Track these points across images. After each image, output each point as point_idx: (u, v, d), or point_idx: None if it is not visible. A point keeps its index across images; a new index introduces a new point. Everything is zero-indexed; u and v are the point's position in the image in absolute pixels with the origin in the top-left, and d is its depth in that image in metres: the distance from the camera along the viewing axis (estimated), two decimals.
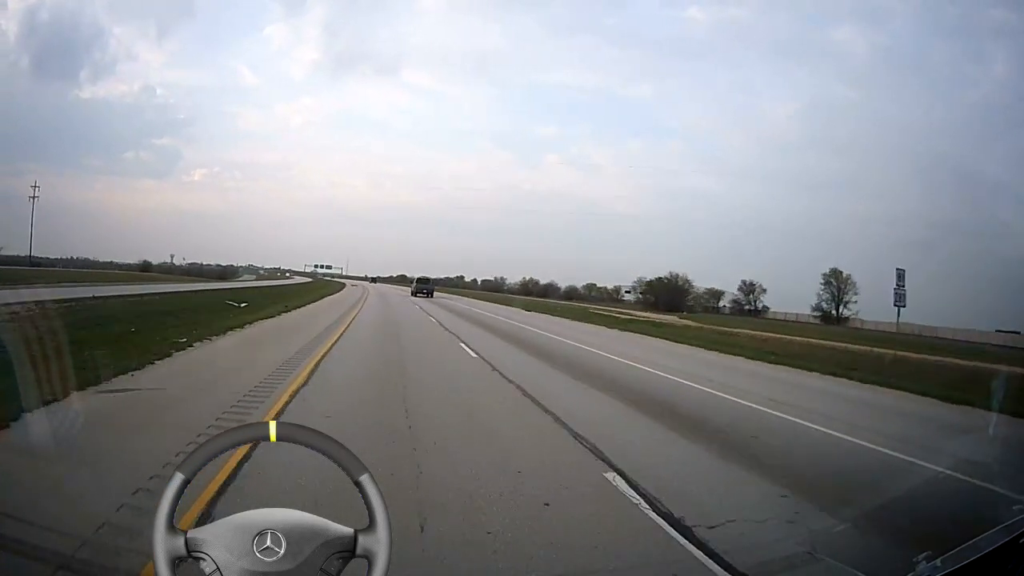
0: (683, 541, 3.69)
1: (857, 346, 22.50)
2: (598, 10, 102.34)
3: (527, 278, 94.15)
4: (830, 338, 28.06)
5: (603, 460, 5.26)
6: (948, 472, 5.54)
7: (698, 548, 3.60)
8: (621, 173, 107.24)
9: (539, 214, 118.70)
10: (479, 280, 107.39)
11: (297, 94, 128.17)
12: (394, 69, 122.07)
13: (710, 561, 3.45)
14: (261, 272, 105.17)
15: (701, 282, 75.24)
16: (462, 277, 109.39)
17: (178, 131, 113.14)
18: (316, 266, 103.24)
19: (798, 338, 25.51)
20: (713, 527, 3.89)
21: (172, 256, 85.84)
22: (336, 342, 12.83)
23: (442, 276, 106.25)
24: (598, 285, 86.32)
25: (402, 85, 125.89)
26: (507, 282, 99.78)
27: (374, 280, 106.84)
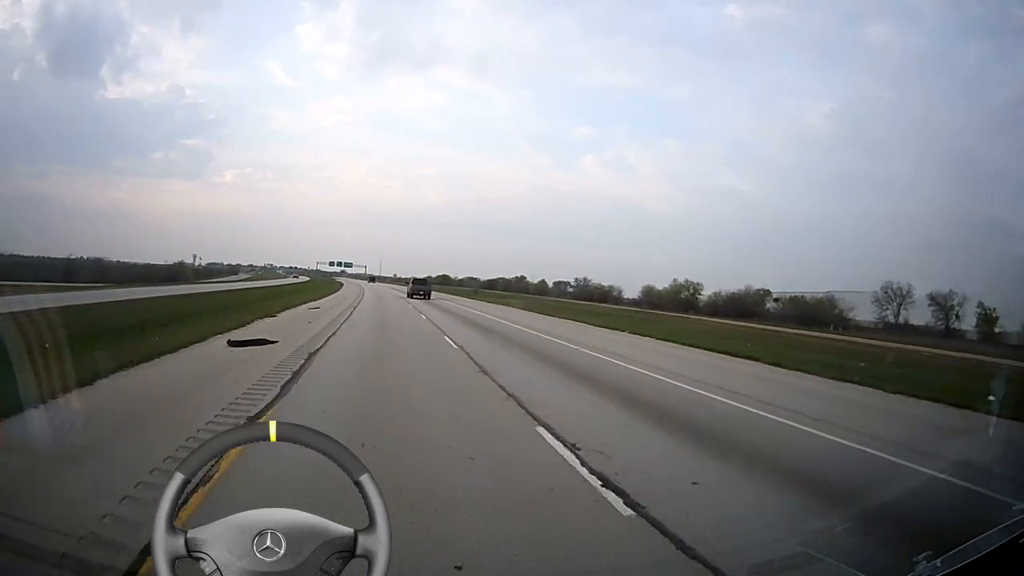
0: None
1: None
2: (635, 9, 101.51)
3: (679, 280, 65.22)
4: None
5: None
6: None
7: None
8: (660, 172, 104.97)
9: (580, 215, 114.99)
10: (550, 282, 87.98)
11: (330, 94, 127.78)
12: (429, 69, 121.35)
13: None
14: (278, 271, 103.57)
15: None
16: (522, 278, 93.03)
17: (208, 132, 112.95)
18: (331, 263, 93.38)
19: None
20: None
21: (195, 256, 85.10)
22: None
23: (495, 278, 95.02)
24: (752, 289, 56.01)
25: (437, 85, 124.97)
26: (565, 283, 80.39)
27: (372, 279, 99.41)
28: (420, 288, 46.54)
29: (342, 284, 72.86)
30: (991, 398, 9.05)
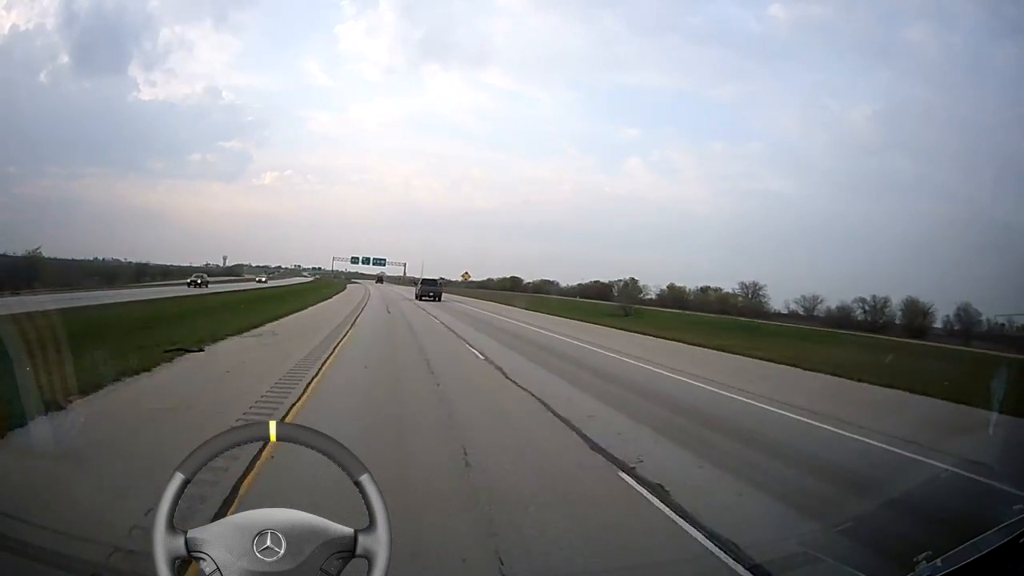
0: None
1: None
2: (681, 8, 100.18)
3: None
4: None
5: None
6: None
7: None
8: (705, 175, 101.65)
9: (624, 217, 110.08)
10: (688, 288, 61.07)
11: (371, 95, 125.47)
12: (472, 69, 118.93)
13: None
14: (303, 273, 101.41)
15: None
16: (633, 281, 63.58)
17: (247, 134, 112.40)
18: (352, 259, 74.94)
19: None
20: None
21: (224, 258, 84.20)
22: None
23: (589, 282, 70.82)
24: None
25: (480, 86, 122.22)
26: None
27: (380, 280, 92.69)
28: (429, 289, 43.44)
29: (344, 287, 60.22)
30: None
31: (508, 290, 72.59)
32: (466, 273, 50.65)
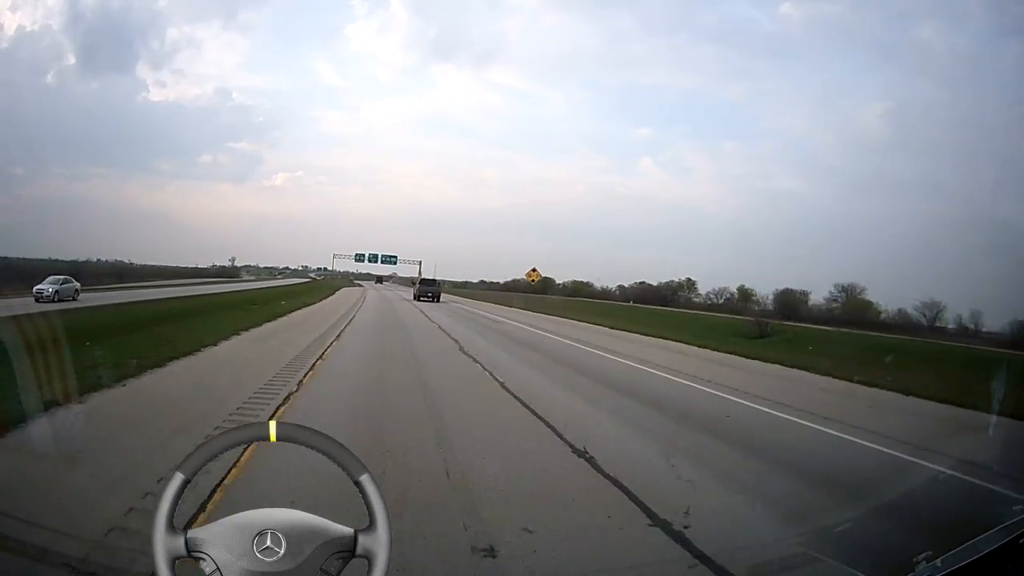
0: None
1: None
2: (692, 7, 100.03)
3: None
4: None
5: None
6: None
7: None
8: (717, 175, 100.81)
9: (636, 216, 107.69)
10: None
11: (383, 95, 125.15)
12: (485, 69, 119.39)
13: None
14: (310, 274, 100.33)
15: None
16: (691, 283, 55.49)
17: (257, 135, 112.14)
18: (357, 256, 58.39)
19: None
20: None
21: (231, 259, 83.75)
22: None
23: (636, 283, 59.41)
24: None
25: (493, 85, 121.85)
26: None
27: (380, 280, 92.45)
28: (428, 290, 42.51)
29: (334, 292, 45.19)
30: None
31: (539, 292, 58.18)
32: (534, 271, 39.63)
